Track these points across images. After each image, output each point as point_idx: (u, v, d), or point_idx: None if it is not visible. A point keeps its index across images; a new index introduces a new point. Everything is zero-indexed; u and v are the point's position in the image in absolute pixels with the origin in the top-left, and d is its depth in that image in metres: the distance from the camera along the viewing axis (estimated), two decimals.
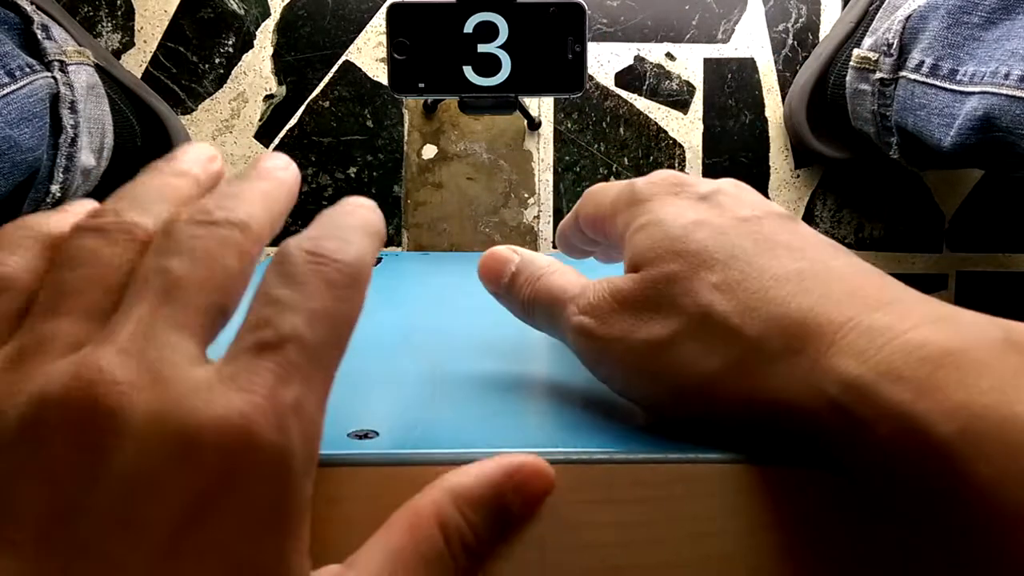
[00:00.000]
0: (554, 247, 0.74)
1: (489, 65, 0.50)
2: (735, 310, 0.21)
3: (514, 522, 0.19)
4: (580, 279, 0.25)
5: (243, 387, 0.15)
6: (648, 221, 0.24)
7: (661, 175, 0.26)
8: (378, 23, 0.71)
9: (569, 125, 0.73)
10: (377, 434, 0.22)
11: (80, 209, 0.19)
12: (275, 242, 0.19)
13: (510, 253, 0.27)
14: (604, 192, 0.27)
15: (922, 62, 0.56)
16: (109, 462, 0.14)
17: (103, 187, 0.64)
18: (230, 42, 0.71)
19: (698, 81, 0.73)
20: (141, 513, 0.14)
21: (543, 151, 0.73)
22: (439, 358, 0.31)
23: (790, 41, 0.73)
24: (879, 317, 0.19)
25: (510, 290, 0.27)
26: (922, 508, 0.18)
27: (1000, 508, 0.16)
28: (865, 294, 0.20)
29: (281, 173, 0.20)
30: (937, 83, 0.54)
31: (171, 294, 0.16)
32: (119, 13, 0.70)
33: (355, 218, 0.19)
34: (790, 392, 0.20)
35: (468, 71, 0.50)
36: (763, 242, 0.22)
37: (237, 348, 0.16)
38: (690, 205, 0.24)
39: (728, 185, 0.25)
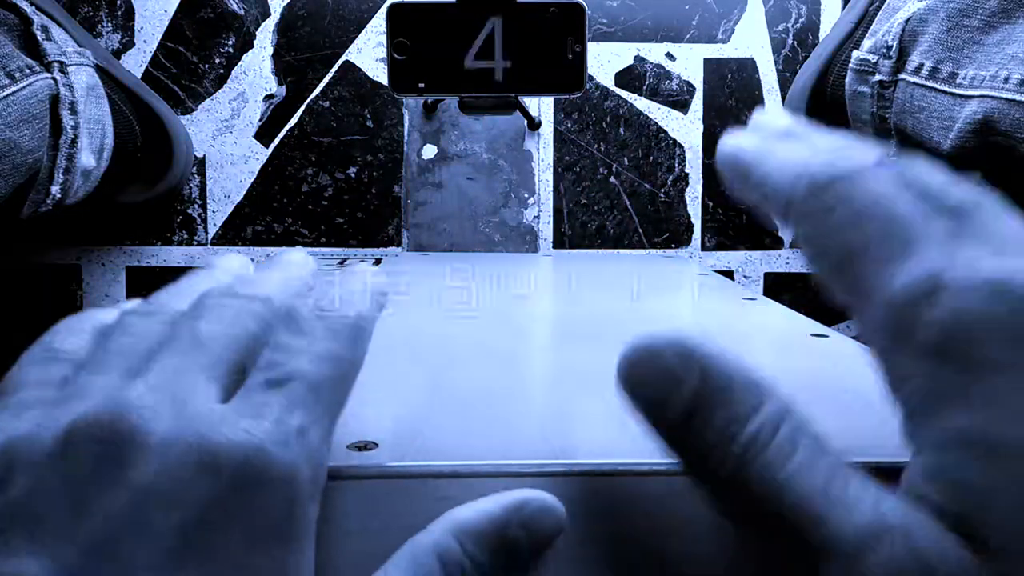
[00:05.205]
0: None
1: (489, 65, 0.50)
2: None
3: (526, 556, 0.19)
4: None
5: (254, 415, 0.17)
6: (939, 286, 0.16)
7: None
8: (378, 23, 0.71)
9: (569, 125, 0.73)
10: (376, 445, 0.22)
11: (131, 305, 0.22)
12: (282, 242, 0.19)
13: None
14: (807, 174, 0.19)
15: (921, 65, 0.56)
16: (129, 472, 0.16)
17: (103, 187, 0.64)
18: (230, 42, 0.71)
19: (698, 81, 0.73)
20: (153, 518, 0.15)
21: (543, 151, 0.73)
22: (439, 364, 0.30)
23: (790, 41, 0.73)
24: None
25: None
26: None
27: None
28: None
29: (295, 268, 0.23)
30: (936, 86, 0.54)
31: (198, 347, 0.18)
32: (119, 13, 0.70)
33: (356, 282, 0.22)
34: None
35: (468, 72, 0.50)
36: None
37: (249, 387, 0.18)
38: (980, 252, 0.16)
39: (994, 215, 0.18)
